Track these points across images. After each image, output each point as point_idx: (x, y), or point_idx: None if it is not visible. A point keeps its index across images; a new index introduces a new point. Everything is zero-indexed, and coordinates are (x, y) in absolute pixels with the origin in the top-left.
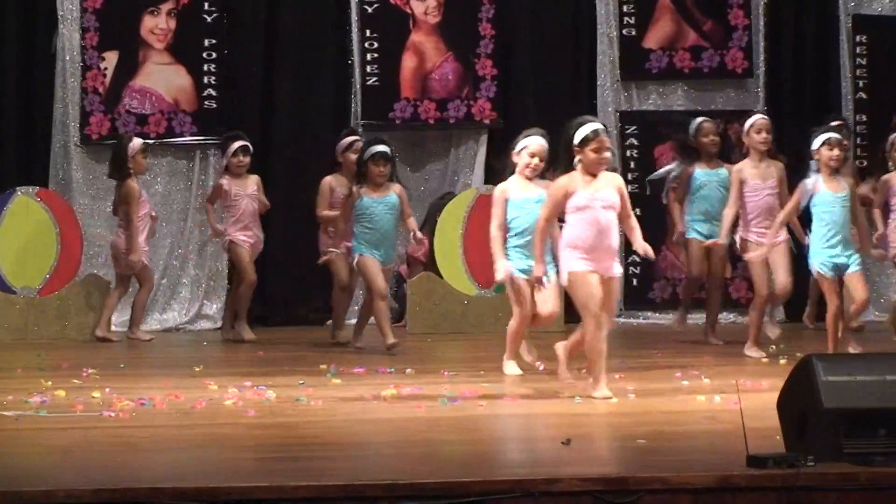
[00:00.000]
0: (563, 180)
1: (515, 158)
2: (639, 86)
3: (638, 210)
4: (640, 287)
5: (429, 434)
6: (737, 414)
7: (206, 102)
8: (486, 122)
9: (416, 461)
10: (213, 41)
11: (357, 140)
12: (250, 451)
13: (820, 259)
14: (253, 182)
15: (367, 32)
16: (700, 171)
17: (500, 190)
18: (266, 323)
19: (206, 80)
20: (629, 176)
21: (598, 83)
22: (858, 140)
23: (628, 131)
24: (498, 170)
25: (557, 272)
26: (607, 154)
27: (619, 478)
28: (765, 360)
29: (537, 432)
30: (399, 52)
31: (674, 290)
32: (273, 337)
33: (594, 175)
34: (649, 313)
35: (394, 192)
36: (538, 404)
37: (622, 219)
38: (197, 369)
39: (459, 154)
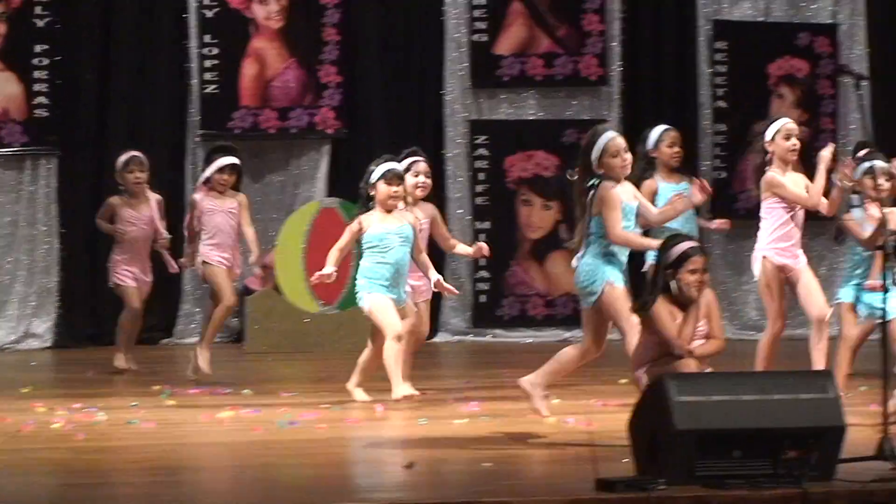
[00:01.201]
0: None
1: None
2: (489, 94)
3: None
4: (488, 304)
5: (267, 458)
6: (588, 436)
7: (36, 111)
8: (330, 131)
9: (253, 487)
10: (45, 47)
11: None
12: (78, 475)
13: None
14: (235, 200)
15: (206, 38)
16: (664, 186)
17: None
18: (97, 342)
19: (36, 87)
20: (478, 188)
21: (447, 91)
22: (717, 150)
23: (478, 141)
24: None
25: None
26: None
27: (464, 503)
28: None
29: (380, 456)
30: (239, 59)
31: (522, 307)
32: (105, 356)
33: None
34: (497, 330)
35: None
36: (381, 427)
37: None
38: (24, 390)
39: (301, 165)
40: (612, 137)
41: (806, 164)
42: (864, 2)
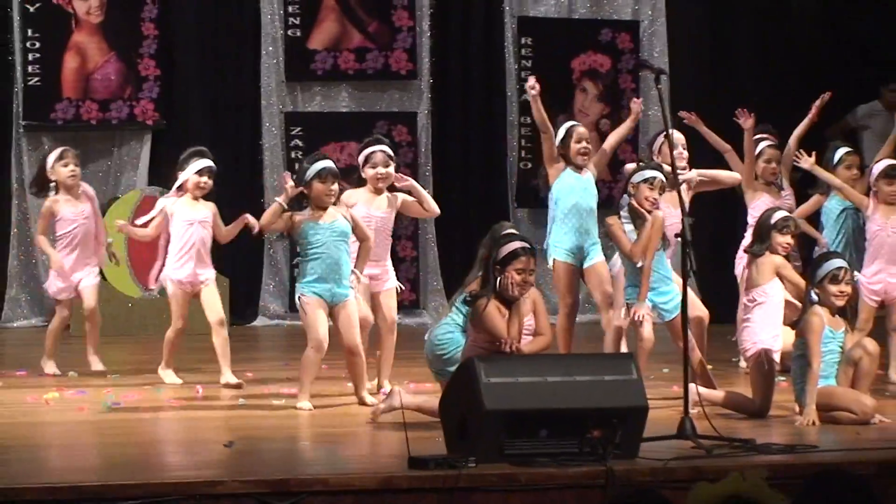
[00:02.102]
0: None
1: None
2: (303, 87)
3: None
4: None
5: (90, 437)
6: (402, 416)
7: None
8: (150, 122)
9: (78, 464)
10: None
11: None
12: None
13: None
14: (207, 208)
15: (29, 32)
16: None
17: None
18: None
19: None
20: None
21: (263, 84)
22: (523, 142)
23: (293, 132)
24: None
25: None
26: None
27: (281, 480)
28: None
29: (200, 435)
30: (61, 52)
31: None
32: None
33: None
34: None
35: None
36: (201, 408)
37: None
38: None
39: (123, 155)
40: (574, 125)
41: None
42: (663, 1)
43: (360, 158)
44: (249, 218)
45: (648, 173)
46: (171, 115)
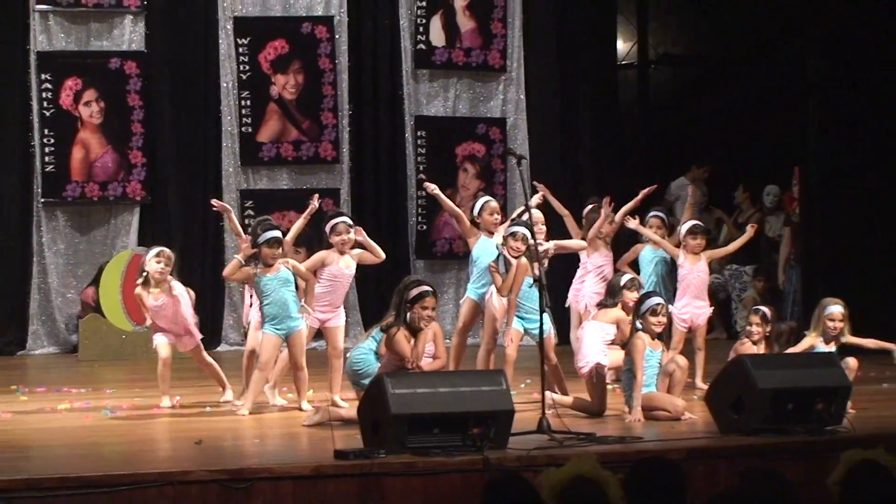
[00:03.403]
0: None
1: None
2: (254, 170)
3: None
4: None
5: (93, 438)
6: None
7: None
8: (138, 199)
9: (82, 459)
10: None
11: None
12: None
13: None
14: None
15: (46, 131)
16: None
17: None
18: None
19: None
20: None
21: (223, 168)
22: (419, 210)
23: (247, 205)
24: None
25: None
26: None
27: (237, 469)
28: None
29: (177, 434)
30: (70, 146)
31: None
32: None
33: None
34: None
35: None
36: (180, 413)
37: None
38: None
39: (118, 224)
40: (487, 200)
41: None
42: (524, 103)
43: (327, 228)
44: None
45: (514, 229)
46: (155, 192)
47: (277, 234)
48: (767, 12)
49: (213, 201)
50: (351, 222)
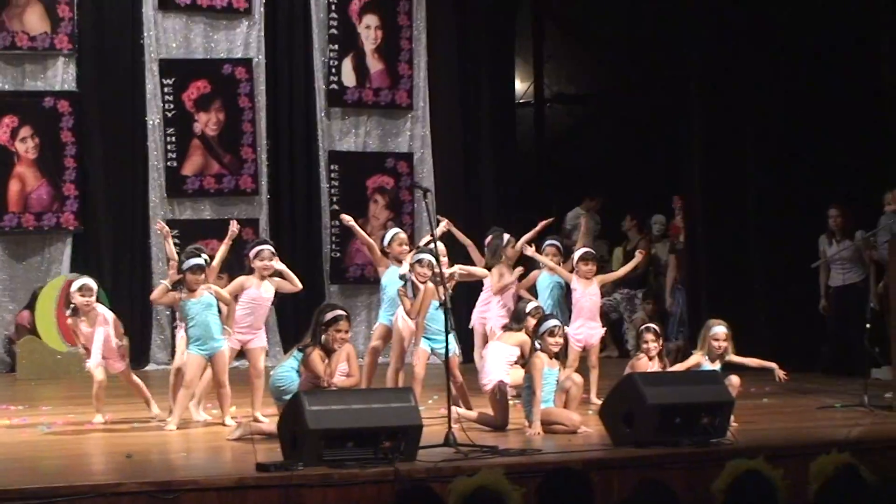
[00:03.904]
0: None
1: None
2: (178, 201)
3: None
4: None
5: (32, 452)
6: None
7: None
8: (71, 228)
9: (21, 473)
10: None
11: None
12: None
13: None
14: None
15: None
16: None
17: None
18: None
19: None
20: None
21: (150, 199)
22: (333, 237)
23: (172, 233)
24: None
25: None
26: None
27: (165, 481)
28: None
29: (111, 449)
30: (7, 179)
31: None
32: None
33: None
34: None
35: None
36: (112, 429)
37: None
38: None
39: (52, 251)
40: (397, 232)
41: None
42: (430, 138)
43: (251, 253)
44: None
45: (420, 256)
46: (86, 222)
47: (200, 261)
48: (650, 53)
49: (158, 223)
50: (274, 250)
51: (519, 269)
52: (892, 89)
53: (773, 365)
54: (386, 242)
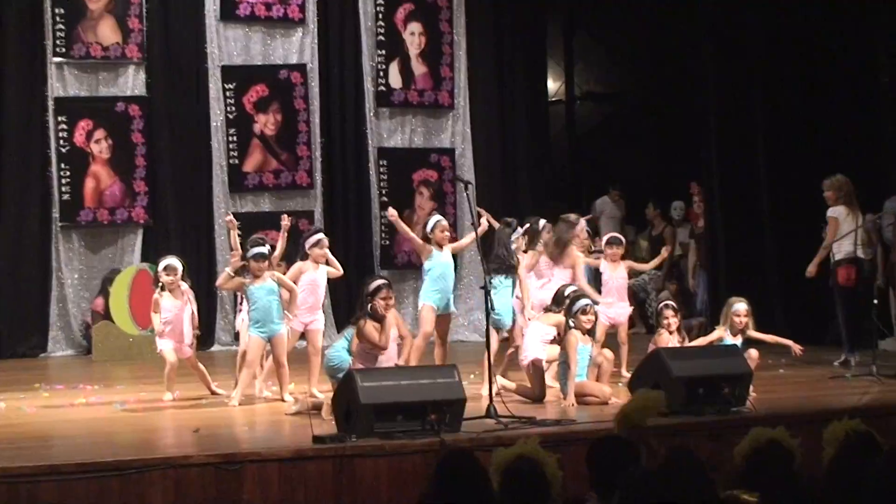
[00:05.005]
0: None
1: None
2: (241, 196)
3: None
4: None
5: (107, 428)
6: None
7: None
8: (141, 222)
9: (97, 447)
10: None
11: None
12: None
13: None
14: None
15: (62, 164)
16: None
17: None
18: None
19: None
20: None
21: (214, 195)
22: (382, 227)
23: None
24: None
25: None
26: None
27: (231, 453)
28: None
29: (181, 424)
30: (83, 177)
31: None
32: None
33: None
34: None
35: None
36: (183, 406)
37: None
38: None
39: (125, 243)
40: (439, 219)
41: None
42: (470, 135)
43: (309, 242)
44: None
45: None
46: (156, 216)
47: (263, 250)
48: (672, 54)
49: (228, 216)
50: (327, 241)
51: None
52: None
53: (789, 342)
54: (429, 229)
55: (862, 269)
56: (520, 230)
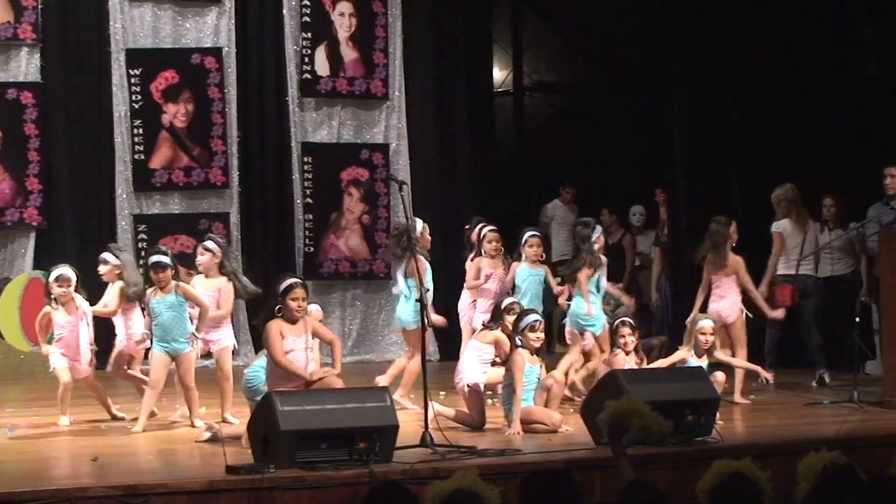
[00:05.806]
0: None
1: None
2: (146, 196)
3: None
4: None
5: None
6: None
7: None
8: (34, 224)
9: None
10: None
11: None
12: None
13: None
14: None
15: None
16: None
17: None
18: None
19: None
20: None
21: (117, 194)
22: (306, 232)
23: (140, 229)
24: None
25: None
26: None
27: (132, 485)
28: None
29: (78, 452)
30: None
31: None
32: None
33: None
34: None
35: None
36: (80, 432)
37: None
38: None
39: (16, 248)
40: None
41: None
42: (406, 129)
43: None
44: None
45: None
46: (51, 218)
47: (163, 259)
48: (632, 42)
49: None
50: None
51: (499, 264)
52: (875, 81)
53: (758, 368)
54: (522, 243)
55: (804, 287)
56: (599, 228)
